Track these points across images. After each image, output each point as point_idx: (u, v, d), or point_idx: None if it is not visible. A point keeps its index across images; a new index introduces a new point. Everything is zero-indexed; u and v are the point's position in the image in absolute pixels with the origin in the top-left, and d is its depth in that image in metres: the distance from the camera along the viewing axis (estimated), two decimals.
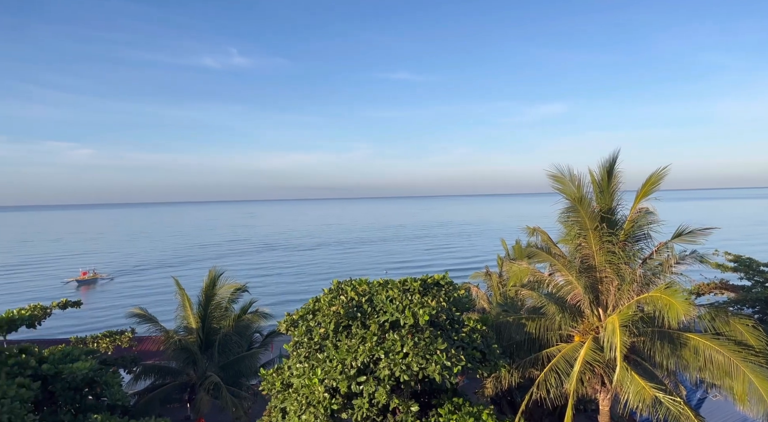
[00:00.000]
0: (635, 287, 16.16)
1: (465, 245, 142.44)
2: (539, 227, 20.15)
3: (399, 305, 15.12)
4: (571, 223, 17.72)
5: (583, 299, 16.79)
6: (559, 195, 17.83)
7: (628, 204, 17.61)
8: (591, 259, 17.31)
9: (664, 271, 16.55)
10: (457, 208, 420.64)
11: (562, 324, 17.13)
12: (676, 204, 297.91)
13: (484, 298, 30.63)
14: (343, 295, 16.05)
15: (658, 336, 15.57)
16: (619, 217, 17.65)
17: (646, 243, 17.48)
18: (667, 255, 16.86)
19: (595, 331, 16.47)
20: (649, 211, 17.15)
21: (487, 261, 52.74)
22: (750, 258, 35.51)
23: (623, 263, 16.62)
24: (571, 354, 15.75)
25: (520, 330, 17.92)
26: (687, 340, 15.01)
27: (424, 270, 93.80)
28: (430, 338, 14.35)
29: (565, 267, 17.29)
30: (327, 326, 15.10)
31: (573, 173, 17.52)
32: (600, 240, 16.83)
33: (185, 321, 23.77)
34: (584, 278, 16.96)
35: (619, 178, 17.58)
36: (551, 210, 18.62)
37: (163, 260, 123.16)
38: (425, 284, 16.55)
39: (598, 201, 17.53)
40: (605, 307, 16.82)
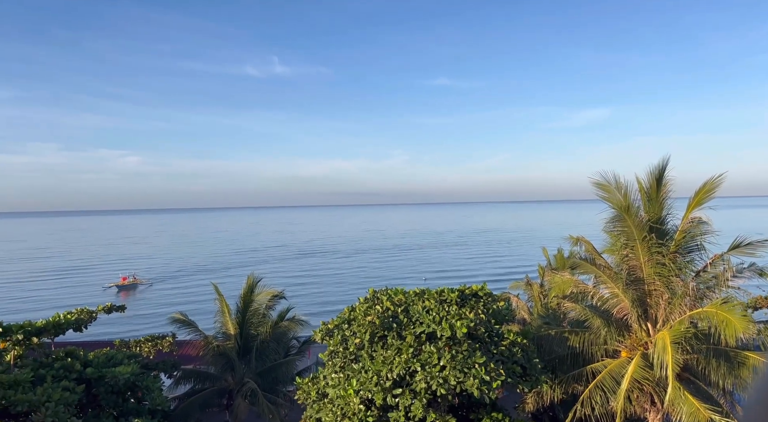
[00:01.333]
0: (687, 301, 15.27)
1: (505, 253, 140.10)
2: (583, 237, 19.41)
3: (436, 316, 14.79)
4: (617, 233, 16.97)
5: (630, 313, 15.99)
6: (604, 203, 17.11)
7: (679, 213, 16.74)
8: (639, 271, 16.50)
9: (720, 285, 15.58)
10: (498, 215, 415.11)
11: (607, 338, 16.37)
12: (732, 212, 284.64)
13: (525, 309, 29.79)
14: (378, 305, 15.82)
15: (713, 353, 14.64)
16: (669, 227, 16.79)
17: (699, 254, 16.55)
18: (723, 268, 15.88)
19: (643, 347, 15.64)
20: (703, 221, 16.22)
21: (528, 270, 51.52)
22: None
23: (674, 275, 15.77)
24: (618, 371, 14.99)
25: (563, 344, 17.23)
26: (745, 359, 14.05)
27: (464, 278, 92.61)
28: (468, 351, 13.94)
29: (610, 279, 16.54)
30: (362, 336, 14.90)
31: (619, 181, 16.80)
32: (648, 252, 16.02)
33: (224, 327, 24.04)
34: (631, 291, 16.16)
35: (669, 186, 16.76)
36: (595, 219, 17.89)
37: (203, 265, 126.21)
38: (463, 295, 16.15)
39: (647, 210, 16.73)
40: (654, 322, 15.96)
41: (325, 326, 16.04)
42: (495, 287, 50.97)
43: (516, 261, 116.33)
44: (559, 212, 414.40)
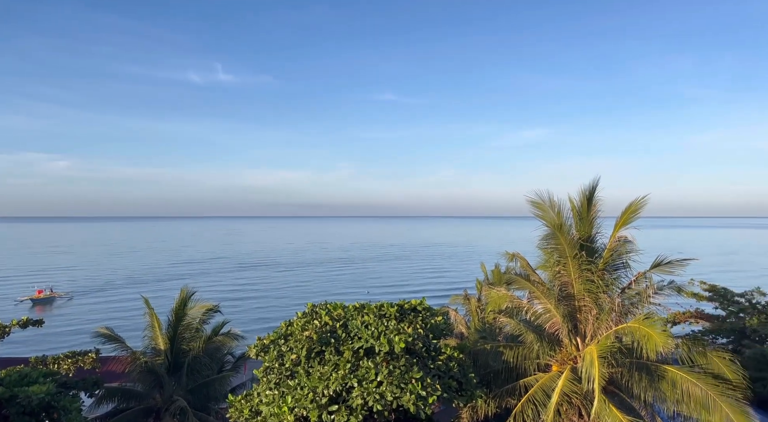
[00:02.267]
0: (614, 317, 15.98)
1: (447, 267, 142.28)
2: (518, 253, 19.98)
3: (374, 331, 14.71)
4: (551, 250, 17.59)
5: (561, 328, 16.55)
6: (540, 221, 17.72)
7: (607, 232, 17.56)
8: (570, 287, 17.14)
9: (642, 301, 16.44)
10: (441, 230, 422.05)
11: (540, 353, 16.85)
12: (653, 231, 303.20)
13: (463, 323, 30.28)
14: (317, 319, 15.58)
15: (636, 367, 15.35)
16: (598, 245, 17.57)
17: (624, 272, 17.40)
18: (645, 285, 16.78)
19: (573, 361, 16.21)
20: (628, 240, 17.11)
21: (468, 284, 52.54)
22: (725, 288, 35.87)
23: (602, 292, 16.49)
24: (549, 385, 15.43)
25: (498, 359, 17.57)
26: (665, 372, 14.82)
27: (406, 292, 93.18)
28: (405, 366, 13.93)
29: (543, 295, 17.09)
30: (299, 352, 14.59)
31: (553, 200, 17.47)
32: (579, 268, 16.69)
33: (153, 342, 22.89)
34: (563, 306, 16.76)
35: (598, 206, 17.56)
36: (531, 235, 18.49)
37: (134, 278, 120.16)
38: (402, 310, 16.17)
39: (578, 228, 17.45)
40: (583, 337, 16.60)
41: (260, 341, 15.60)
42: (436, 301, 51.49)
43: (456, 275, 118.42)
44: (499, 228, 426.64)
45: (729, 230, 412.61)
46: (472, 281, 45.93)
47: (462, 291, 35.97)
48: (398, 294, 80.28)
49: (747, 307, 33.77)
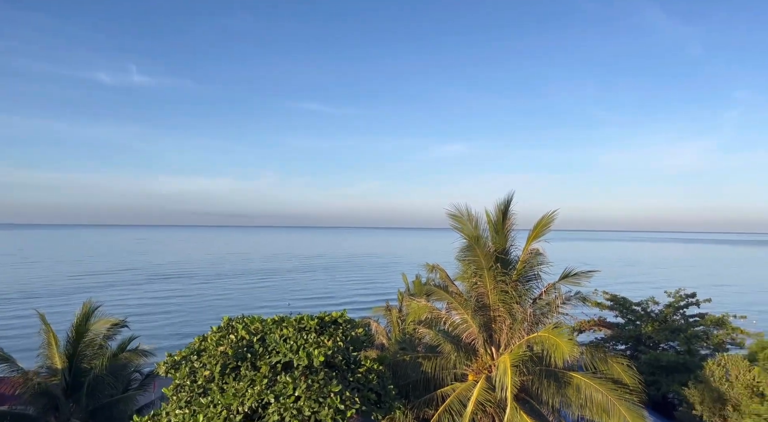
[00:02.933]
0: (526, 326, 16.72)
1: (371, 279, 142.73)
2: (438, 264, 20.45)
3: (293, 345, 14.39)
4: (468, 262, 18.14)
5: (477, 338, 17.07)
6: (458, 233, 18.26)
7: (521, 244, 18.40)
8: (486, 298, 17.74)
9: (552, 311, 17.35)
10: (366, 241, 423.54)
11: (457, 363, 17.26)
12: (562, 244, 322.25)
13: (384, 334, 30.42)
14: (233, 334, 14.98)
15: (545, 374, 16.12)
16: (512, 257, 18.36)
17: (536, 283, 18.29)
18: (555, 295, 17.73)
19: (488, 370, 16.73)
20: (540, 253, 18.02)
21: (391, 295, 52.94)
22: (624, 297, 38.68)
23: (515, 302, 17.20)
24: (465, 394, 15.82)
25: (417, 369, 17.79)
26: (570, 379, 15.67)
27: (329, 304, 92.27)
28: (324, 380, 13.71)
29: (461, 306, 17.56)
30: (213, 368, 13.94)
31: (471, 213, 18.07)
32: (494, 280, 17.33)
33: (49, 361, 20.99)
34: (479, 316, 17.30)
35: (513, 220, 18.38)
36: (450, 247, 18.98)
37: (28, 291, 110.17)
38: (323, 322, 15.94)
39: (494, 241, 18.15)
40: (498, 346, 17.20)
41: (171, 358, 14.74)
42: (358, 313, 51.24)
43: (380, 286, 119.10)
44: (422, 239, 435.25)
45: (629, 243, 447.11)
46: (395, 292, 46.40)
47: (384, 302, 36.21)
48: (321, 307, 79.38)
49: (643, 315, 36.63)
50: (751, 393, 22.94)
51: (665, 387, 28.91)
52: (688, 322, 35.92)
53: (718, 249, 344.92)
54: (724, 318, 35.82)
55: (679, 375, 28.36)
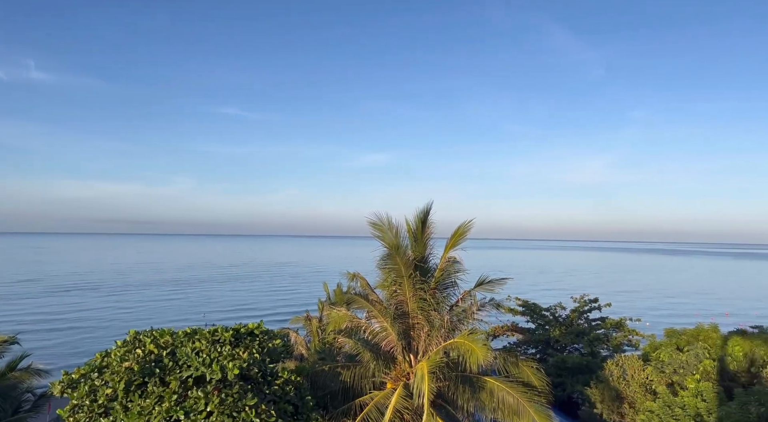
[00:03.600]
0: (443, 333, 17.10)
1: (291, 288, 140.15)
2: (359, 273, 20.47)
3: (206, 358, 13.77)
4: (389, 270, 18.31)
5: (396, 345, 17.22)
6: (379, 242, 18.40)
7: (439, 252, 18.86)
8: (405, 306, 17.97)
9: (468, 317, 17.88)
10: (287, 249, 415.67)
11: (376, 371, 17.29)
12: (479, 252, 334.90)
13: (303, 345, 29.96)
14: (140, 348, 14.08)
15: (460, 380, 16.55)
16: (431, 265, 18.76)
17: (453, 290, 18.80)
18: (470, 302, 18.31)
19: (406, 378, 16.91)
20: (457, 261, 18.55)
21: (311, 305, 52.28)
22: (534, 303, 40.76)
23: (433, 309, 17.56)
24: (383, 402, 15.88)
25: (336, 379, 17.62)
26: (484, 383, 16.21)
27: (247, 315, 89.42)
28: (238, 393, 13.21)
29: (381, 314, 17.66)
30: (116, 385, 13.00)
31: (391, 222, 18.27)
32: (413, 287, 17.60)
33: None
34: (398, 324, 17.48)
35: (432, 228, 18.79)
36: (374, 254, 19.06)
37: None
38: (238, 334, 15.40)
39: (413, 249, 18.46)
40: (416, 353, 17.45)
41: (67, 376, 13.58)
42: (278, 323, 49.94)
43: (301, 296, 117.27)
44: (345, 248, 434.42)
45: (540, 251, 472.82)
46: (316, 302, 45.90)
47: (305, 312, 35.68)
48: (238, 318, 76.76)
49: (551, 320, 38.77)
50: (645, 391, 24.90)
51: (570, 388, 30.68)
52: (591, 326, 38.45)
53: (618, 257, 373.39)
54: (622, 322, 38.74)
55: (583, 375, 30.23)
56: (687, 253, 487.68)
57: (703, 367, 23.36)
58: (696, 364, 23.85)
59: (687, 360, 24.44)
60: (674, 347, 27.67)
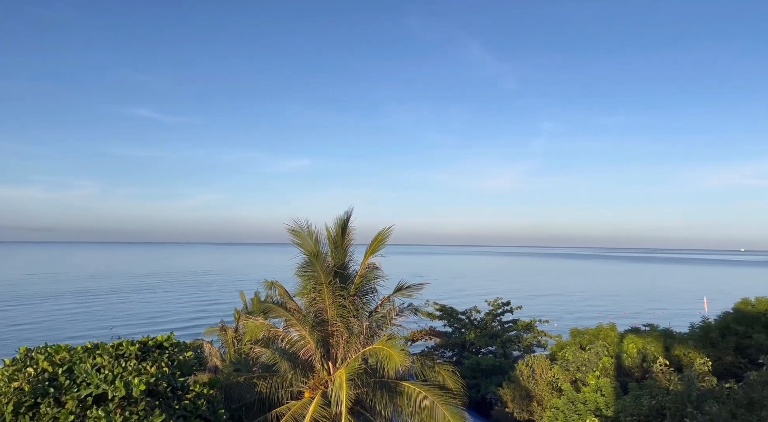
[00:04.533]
0: (362, 339, 17.16)
1: (207, 297, 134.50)
2: (277, 281, 20.10)
3: (109, 374, 12.87)
4: (308, 277, 18.12)
5: (315, 354, 17.05)
6: (298, 249, 18.16)
7: (359, 259, 18.93)
8: (324, 313, 17.85)
9: (387, 323, 18.07)
10: (204, 257, 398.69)
11: (293, 380, 17.01)
12: (401, 258, 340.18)
13: (218, 356, 28.86)
14: (31, 366, 12.90)
15: (379, 386, 16.67)
16: (351, 272, 18.78)
17: (373, 296, 18.93)
18: (389, 308, 18.52)
19: (324, 386, 16.77)
20: (376, 267, 18.71)
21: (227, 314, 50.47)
22: (452, 307, 42.00)
23: (352, 316, 17.58)
24: (300, 412, 15.64)
25: (251, 390, 17.14)
26: (402, 388, 16.43)
27: (159, 327, 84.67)
28: (145, 410, 12.46)
29: (299, 322, 17.42)
30: (3, 408, 11.83)
31: (311, 228, 18.12)
32: (333, 295, 17.53)
33: None
34: (317, 332, 17.32)
35: (352, 235, 18.85)
36: (293, 262, 18.77)
37: None
38: (145, 347, 14.54)
39: (333, 256, 18.40)
40: (335, 361, 17.37)
41: None
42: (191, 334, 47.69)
43: (217, 306, 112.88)
44: (265, 255, 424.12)
45: (459, 257, 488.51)
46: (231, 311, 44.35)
47: (220, 322, 34.38)
48: (149, 331, 72.62)
49: (467, 323, 40.12)
50: (552, 389, 26.38)
51: (484, 389, 31.86)
52: (504, 328, 40.21)
53: (529, 261, 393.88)
54: (532, 323, 40.86)
55: (496, 376, 31.51)
56: (591, 257, 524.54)
57: (602, 364, 25.14)
58: (596, 362, 25.62)
59: (589, 358, 26.20)
60: (578, 346, 29.55)
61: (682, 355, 27.88)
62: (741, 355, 28.11)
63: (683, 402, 16.66)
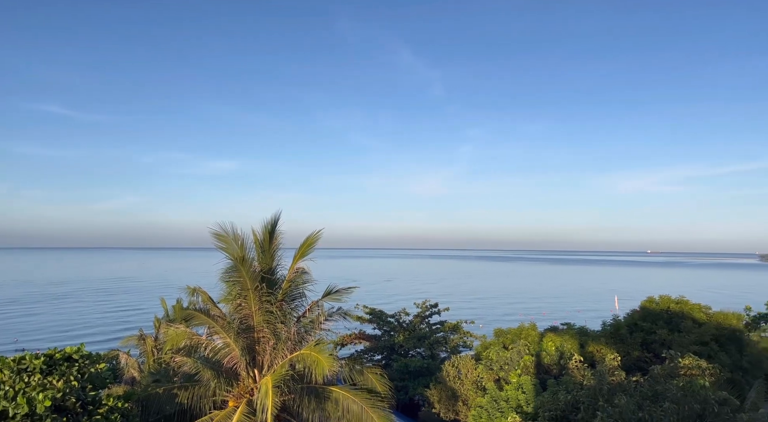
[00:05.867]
0: (289, 345, 16.87)
1: (125, 305, 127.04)
2: (200, 287, 19.35)
3: (10, 390, 11.89)
4: (233, 283, 17.59)
5: (240, 361, 16.56)
6: (223, 253, 17.59)
7: (288, 263, 18.61)
8: (250, 319, 17.39)
9: (315, 328, 17.88)
10: (120, 263, 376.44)
11: (217, 389, 16.42)
12: (332, 262, 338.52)
13: (136, 367, 27.34)
14: None
15: (306, 392, 16.46)
16: (278, 277, 18.42)
17: (301, 301, 18.67)
18: (318, 312, 18.34)
19: (250, 394, 16.32)
20: (305, 271, 18.47)
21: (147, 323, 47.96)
22: (381, 310, 42.30)
23: (280, 322, 17.24)
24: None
25: (172, 402, 16.37)
26: (330, 393, 16.32)
27: (68, 338, 78.98)
28: None
29: (223, 329, 16.86)
30: None
31: (237, 232, 17.61)
32: (260, 300, 17.13)
33: None
34: (242, 339, 16.84)
35: (280, 239, 18.49)
36: (218, 267, 18.14)
37: None
38: (51, 360, 13.52)
39: (260, 261, 17.98)
40: (261, 368, 16.96)
41: None
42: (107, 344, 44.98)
43: (136, 314, 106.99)
44: (188, 260, 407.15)
45: (391, 260, 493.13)
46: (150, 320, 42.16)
47: (138, 331, 32.60)
48: (60, 342, 67.50)
49: (396, 326, 40.55)
50: (476, 388, 27.21)
51: (412, 391, 32.31)
52: (431, 330, 41.00)
53: (458, 264, 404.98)
54: (459, 324, 41.97)
55: (424, 378, 32.05)
56: (515, 260, 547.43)
57: (523, 363, 26.26)
58: (518, 360, 26.73)
59: (511, 357, 27.28)
60: (501, 346, 30.70)
61: (596, 351, 29.69)
62: (647, 350, 30.36)
63: (595, 396, 17.72)
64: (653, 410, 15.26)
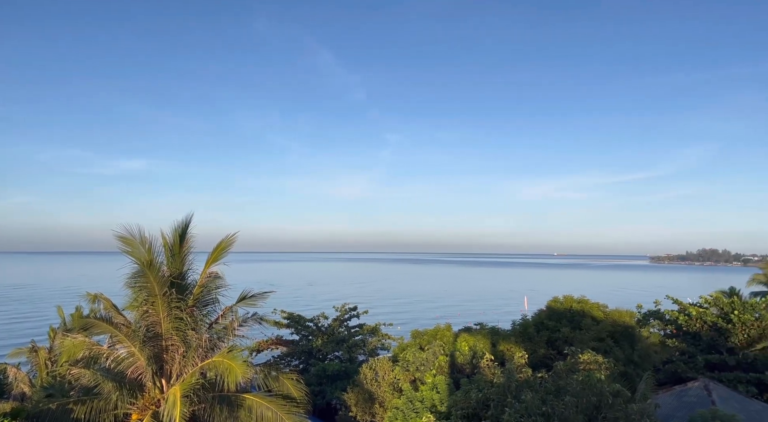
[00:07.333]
0: (201, 353, 16.21)
1: (17, 315, 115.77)
2: (102, 293, 18.14)
3: None
4: (139, 289, 16.65)
5: (145, 371, 15.68)
6: (129, 257, 16.58)
7: (199, 268, 17.89)
8: (158, 327, 16.53)
9: (228, 335, 17.33)
10: (15, 268, 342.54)
11: (119, 402, 15.43)
12: (250, 266, 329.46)
13: (26, 381, 24.98)
14: None
15: (218, 400, 15.89)
16: (189, 282, 17.68)
17: (214, 307, 18.02)
18: (232, 318, 17.79)
19: (156, 406, 15.48)
20: (218, 276, 17.87)
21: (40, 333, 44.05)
22: (299, 314, 41.79)
23: (190, 329, 16.51)
24: None
25: (67, 417, 15.21)
26: (243, 401, 15.86)
27: None
28: None
29: (127, 338, 15.89)
30: None
31: (144, 235, 16.70)
32: (169, 307, 16.32)
33: None
34: (149, 348, 15.96)
35: (191, 242, 17.76)
36: (122, 272, 17.05)
37: None
38: None
39: (170, 265, 17.16)
40: (169, 377, 16.15)
41: None
42: None
43: (29, 324, 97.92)
44: (90, 265, 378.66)
45: (312, 263, 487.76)
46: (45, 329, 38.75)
47: (30, 342, 29.83)
48: None
49: (314, 330, 40.17)
50: (393, 390, 27.55)
51: (330, 395, 32.12)
52: (350, 333, 41.02)
53: (378, 267, 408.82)
54: (377, 327, 42.32)
55: (341, 381, 31.98)
56: (432, 262, 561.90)
57: (438, 363, 26.95)
58: (434, 361, 27.39)
59: (427, 357, 27.90)
60: (418, 347, 31.30)
61: (506, 350, 31.11)
62: (552, 347, 32.24)
63: (504, 393, 18.56)
64: (556, 404, 16.24)
